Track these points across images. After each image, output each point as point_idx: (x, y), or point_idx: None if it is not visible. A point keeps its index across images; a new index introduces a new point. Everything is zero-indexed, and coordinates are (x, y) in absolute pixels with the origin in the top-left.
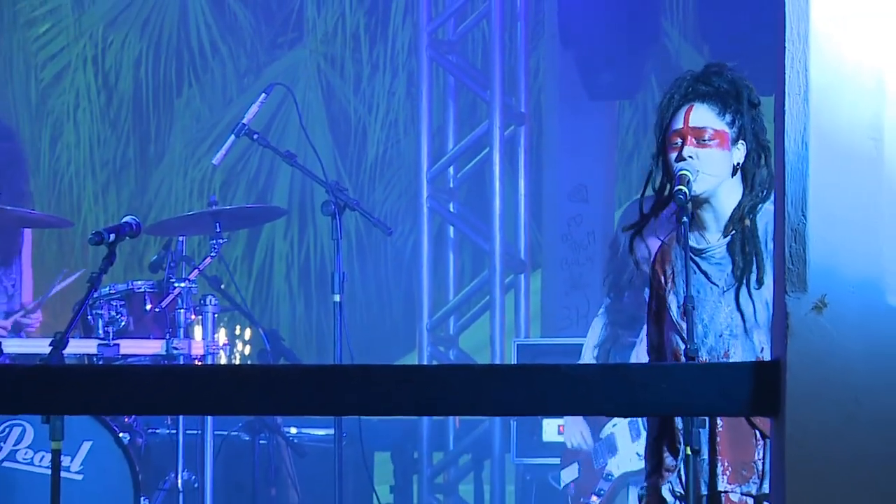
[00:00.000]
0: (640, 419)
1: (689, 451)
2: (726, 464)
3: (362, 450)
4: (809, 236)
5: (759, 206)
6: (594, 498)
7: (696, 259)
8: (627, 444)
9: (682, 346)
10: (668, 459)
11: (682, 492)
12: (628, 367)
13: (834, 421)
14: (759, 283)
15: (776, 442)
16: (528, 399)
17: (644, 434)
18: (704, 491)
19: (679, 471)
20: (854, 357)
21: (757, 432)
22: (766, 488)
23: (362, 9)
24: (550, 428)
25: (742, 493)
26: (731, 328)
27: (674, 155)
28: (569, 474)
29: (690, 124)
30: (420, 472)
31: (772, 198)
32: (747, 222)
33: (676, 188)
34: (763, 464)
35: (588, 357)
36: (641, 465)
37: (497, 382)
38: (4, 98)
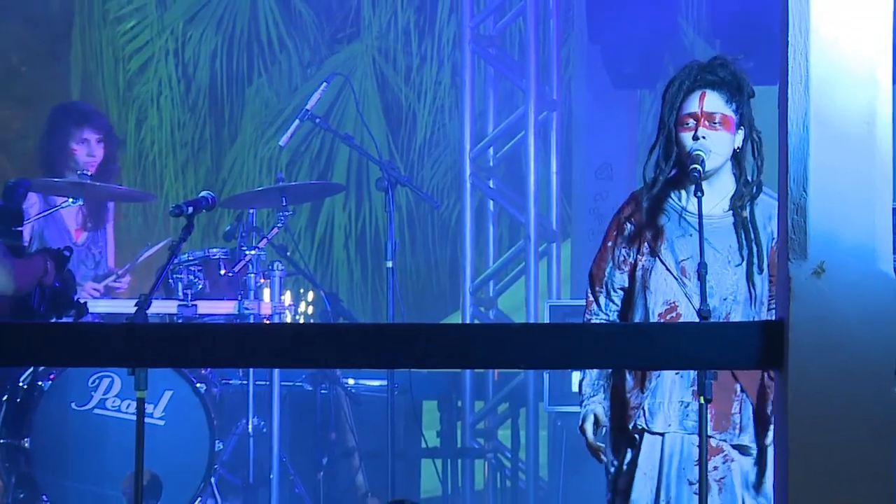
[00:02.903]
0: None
1: (702, 400)
2: (712, 412)
3: (412, 399)
4: (810, 209)
5: (756, 198)
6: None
7: (697, 222)
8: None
9: (681, 300)
10: (634, 398)
11: (644, 426)
12: (647, 326)
13: (831, 372)
14: (760, 269)
15: (780, 391)
16: (558, 354)
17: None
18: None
19: (643, 408)
20: (849, 316)
21: (738, 386)
22: (742, 439)
23: (412, 7)
24: (578, 379)
25: (720, 440)
26: (735, 295)
27: (687, 134)
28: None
29: (705, 109)
30: (463, 419)
31: (764, 190)
32: (745, 212)
33: (691, 167)
34: (740, 417)
35: None
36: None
37: (531, 339)
38: (95, 86)
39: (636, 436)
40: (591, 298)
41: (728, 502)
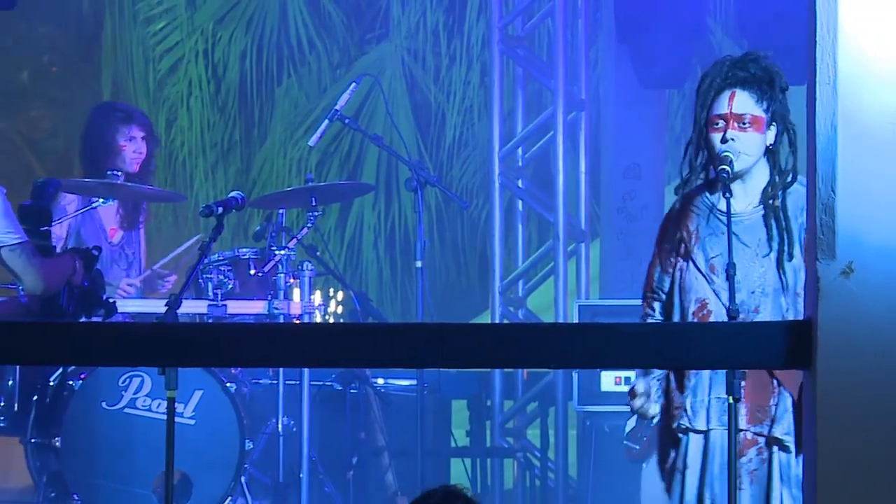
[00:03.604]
0: None
1: (731, 400)
2: (746, 406)
3: (441, 398)
4: (838, 209)
5: (789, 188)
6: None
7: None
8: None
9: (711, 297)
10: (676, 398)
11: (688, 425)
12: (676, 326)
13: (860, 372)
14: (791, 256)
15: (808, 391)
16: (588, 354)
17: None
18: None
19: (685, 408)
20: (878, 316)
21: (775, 380)
22: (775, 431)
23: (441, 7)
24: (608, 379)
25: (755, 433)
26: (763, 287)
27: (717, 136)
28: (630, 424)
29: (733, 110)
30: (492, 419)
31: (799, 179)
32: (777, 202)
33: (720, 168)
34: (776, 409)
35: None
36: None
37: (561, 339)
38: (126, 87)
39: (680, 435)
40: (644, 304)
41: (758, 495)
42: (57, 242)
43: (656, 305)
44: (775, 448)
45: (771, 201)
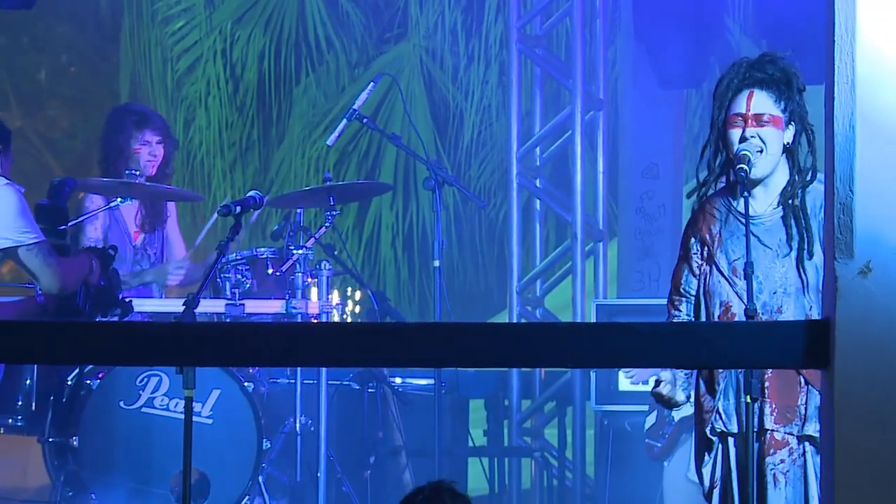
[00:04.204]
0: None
1: (748, 399)
2: (773, 406)
3: (459, 398)
4: (856, 209)
5: (808, 186)
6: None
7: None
8: None
9: (734, 300)
10: (707, 402)
11: (723, 429)
12: (694, 325)
13: (879, 372)
14: (811, 254)
15: (826, 391)
16: (605, 353)
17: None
18: (807, 431)
19: (718, 411)
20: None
21: (802, 378)
22: (807, 430)
23: (459, 7)
24: (625, 378)
25: (785, 433)
26: (785, 287)
27: (735, 133)
28: (650, 420)
29: (752, 110)
30: (510, 418)
31: (818, 177)
32: (796, 201)
33: (738, 166)
34: (805, 408)
35: None
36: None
37: (579, 338)
38: (144, 87)
39: (714, 438)
40: (670, 305)
41: (793, 496)
42: (97, 244)
43: (683, 307)
44: (809, 448)
45: (790, 201)
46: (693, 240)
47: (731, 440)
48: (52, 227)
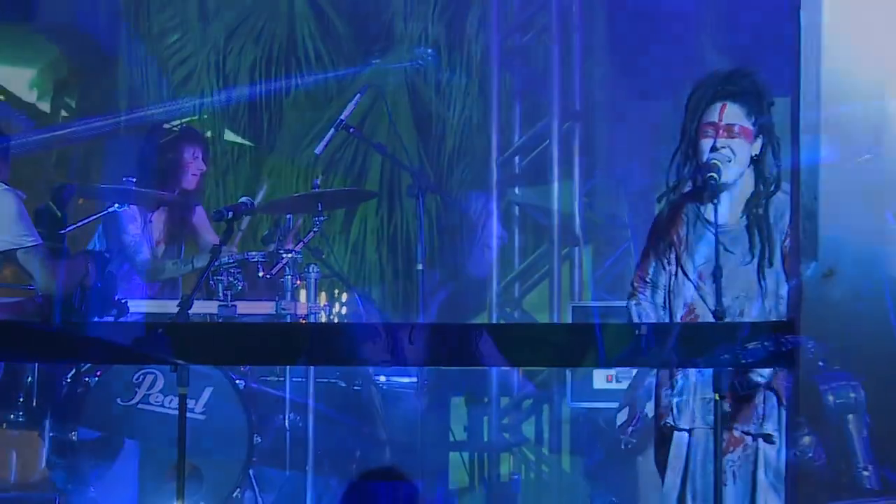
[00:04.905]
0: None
1: (717, 397)
2: (735, 405)
3: (440, 395)
4: (820, 216)
5: (772, 196)
6: (629, 429)
7: (712, 229)
8: None
9: (698, 302)
10: (665, 397)
11: (673, 424)
12: (665, 326)
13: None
14: (771, 262)
15: (792, 387)
16: (581, 352)
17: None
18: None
19: (671, 407)
20: (856, 316)
21: None
22: (766, 428)
23: (442, 22)
24: (599, 377)
25: (742, 431)
26: (747, 291)
27: (706, 143)
28: (621, 417)
29: (724, 121)
30: (489, 415)
31: (782, 187)
32: (760, 210)
33: (708, 175)
34: (763, 407)
35: None
36: None
37: (555, 338)
38: (141, 97)
39: (668, 433)
40: (633, 292)
41: (743, 489)
42: (150, 246)
43: (648, 292)
44: (761, 442)
45: (755, 210)
46: (661, 241)
47: (686, 435)
48: (50, 231)
